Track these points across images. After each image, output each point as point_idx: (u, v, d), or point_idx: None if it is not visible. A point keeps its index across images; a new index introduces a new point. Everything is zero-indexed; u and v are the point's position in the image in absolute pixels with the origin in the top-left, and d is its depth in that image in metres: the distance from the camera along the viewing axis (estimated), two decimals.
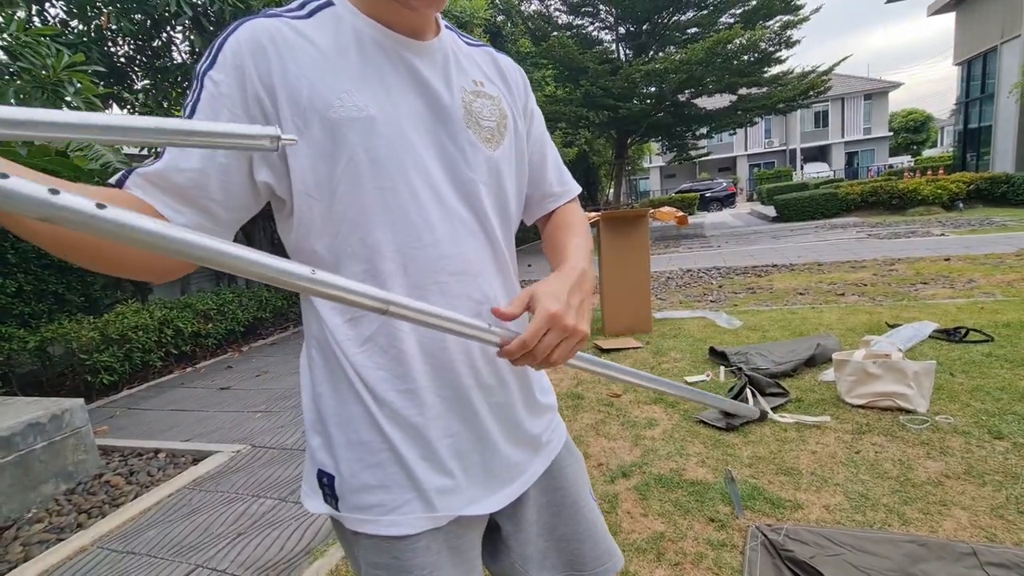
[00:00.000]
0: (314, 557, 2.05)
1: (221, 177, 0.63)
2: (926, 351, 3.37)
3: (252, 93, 0.63)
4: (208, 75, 0.63)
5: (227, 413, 3.85)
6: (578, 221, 0.88)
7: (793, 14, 14.12)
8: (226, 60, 0.63)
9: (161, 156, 0.62)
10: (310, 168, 0.65)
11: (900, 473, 2.13)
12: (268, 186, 0.67)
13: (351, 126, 0.64)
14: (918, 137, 42.00)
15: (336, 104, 0.63)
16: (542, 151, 0.88)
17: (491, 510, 0.76)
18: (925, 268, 6.19)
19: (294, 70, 0.63)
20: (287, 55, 0.63)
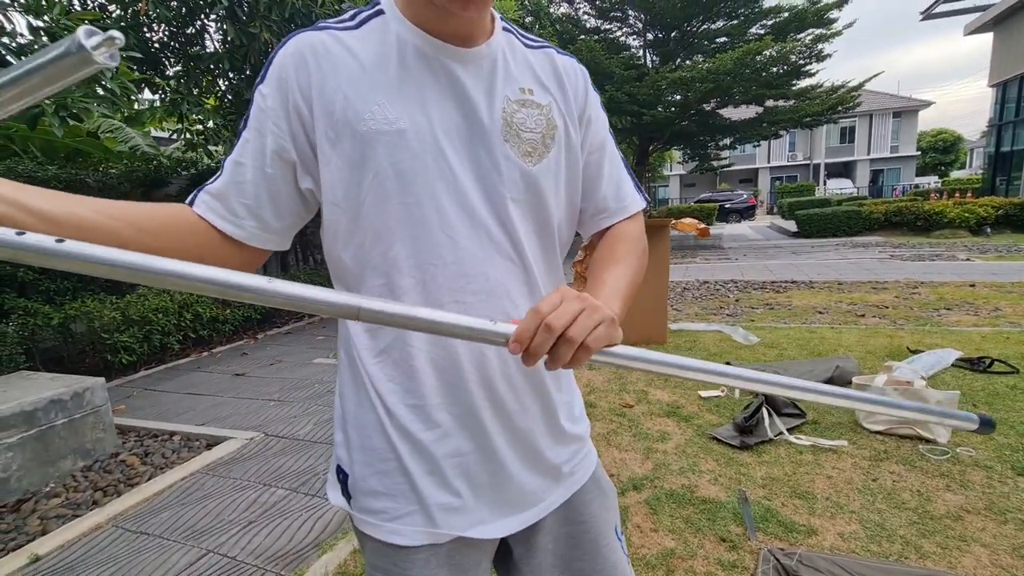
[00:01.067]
0: (323, 550, 2.07)
1: (269, 187, 0.66)
2: (948, 380, 3.31)
3: (292, 104, 0.65)
4: (259, 89, 0.66)
5: (241, 400, 3.90)
6: (628, 245, 0.80)
7: (826, 28, 13.90)
8: (273, 74, 0.66)
9: (222, 170, 0.67)
10: (340, 180, 0.65)
11: (918, 504, 2.08)
12: (312, 193, 0.69)
13: (379, 139, 0.64)
14: (946, 158, 41.19)
15: (367, 117, 0.64)
16: (598, 160, 0.81)
17: (498, 535, 0.75)
18: (949, 293, 6.07)
19: (332, 83, 0.64)
20: (326, 67, 0.65)
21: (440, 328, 0.54)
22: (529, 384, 0.75)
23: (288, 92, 0.65)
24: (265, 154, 0.65)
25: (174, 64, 6.12)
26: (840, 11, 13.69)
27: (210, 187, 0.66)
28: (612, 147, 0.84)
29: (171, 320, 4.96)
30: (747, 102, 14.85)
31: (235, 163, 0.66)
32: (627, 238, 0.81)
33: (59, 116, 3.23)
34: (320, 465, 2.77)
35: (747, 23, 14.49)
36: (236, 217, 0.66)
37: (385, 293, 0.68)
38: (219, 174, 0.66)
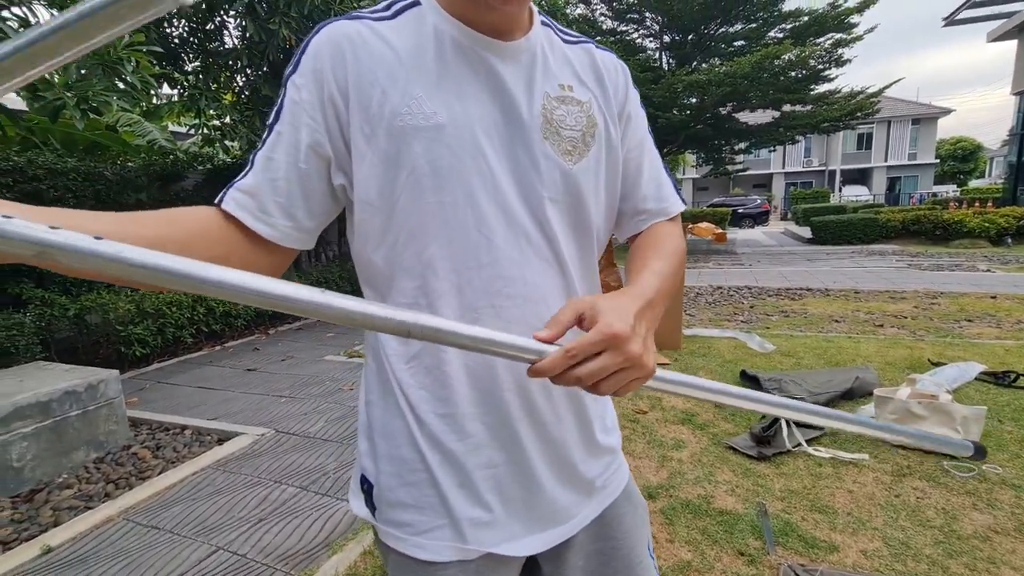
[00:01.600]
0: (333, 551, 2.05)
1: (303, 184, 0.63)
2: (972, 394, 3.22)
3: (328, 95, 0.62)
4: (291, 80, 0.63)
5: (252, 395, 3.90)
6: (666, 242, 0.75)
7: (846, 32, 13.74)
8: (306, 65, 0.62)
9: (253, 165, 0.63)
10: (374, 176, 0.62)
11: (944, 523, 2.02)
12: (344, 189, 0.66)
13: (416, 135, 0.61)
14: (966, 166, 40.57)
15: (403, 112, 0.61)
16: (638, 159, 0.78)
17: (529, 552, 0.72)
18: (970, 304, 5.94)
19: (368, 76, 0.61)
20: (363, 59, 0.62)
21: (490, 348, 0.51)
22: (565, 393, 0.72)
23: (323, 84, 0.61)
24: (299, 149, 0.62)
25: (193, 59, 6.17)
26: (861, 16, 13.52)
27: (241, 183, 0.62)
28: (651, 145, 0.80)
29: (184, 314, 4.98)
30: (764, 106, 14.71)
31: (267, 159, 0.62)
32: (670, 235, 0.77)
33: (80, 109, 3.25)
34: (330, 463, 2.76)
35: (766, 26, 14.36)
36: (269, 216, 0.62)
37: (419, 296, 0.65)
38: (248, 170, 0.62)
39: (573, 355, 0.52)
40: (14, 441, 2.56)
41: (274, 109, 0.63)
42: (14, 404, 2.53)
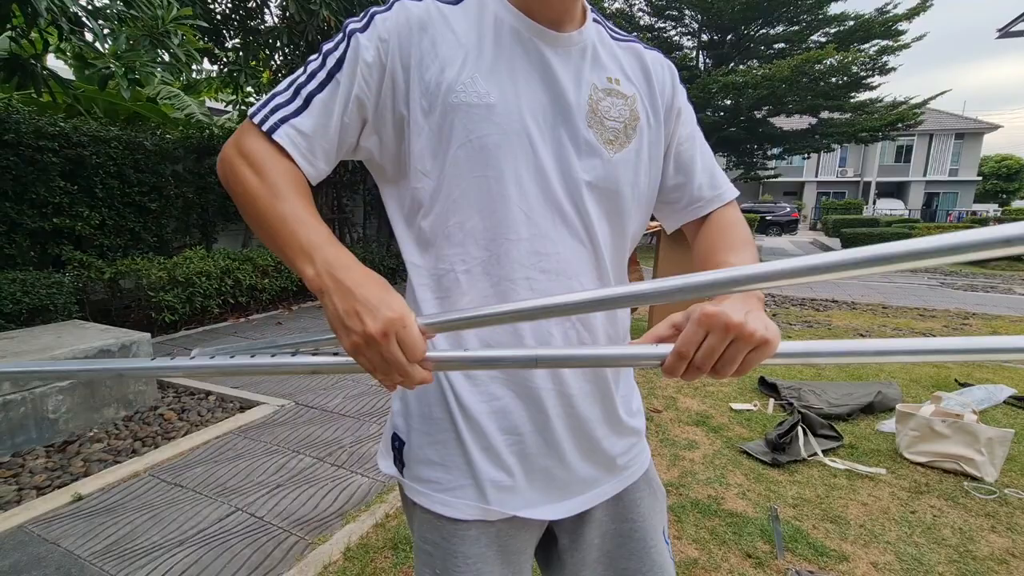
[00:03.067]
0: (346, 520, 2.11)
1: (342, 135, 0.67)
2: (999, 417, 3.14)
3: (390, 69, 0.65)
4: (357, 35, 0.65)
5: None
6: (739, 230, 0.79)
7: (893, 39, 13.32)
8: (376, 29, 0.65)
9: (309, 104, 0.64)
10: (428, 148, 0.66)
11: (960, 543, 1.99)
12: (368, 151, 0.70)
13: (468, 112, 0.64)
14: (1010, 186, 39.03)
15: (458, 89, 0.64)
16: (690, 151, 0.81)
17: (548, 518, 0.75)
18: (1003, 327, 5.76)
19: (431, 55, 0.65)
20: (427, 40, 0.65)
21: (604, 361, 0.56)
22: (591, 372, 0.75)
23: (388, 56, 0.65)
24: (349, 102, 0.65)
25: (233, 36, 6.28)
26: (910, 23, 13.09)
27: (297, 122, 0.64)
28: (701, 138, 0.84)
29: (213, 284, 5.12)
30: (801, 112, 14.39)
31: (325, 105, 0.64)
32: (737, 222, 0.80)
33: (127, 79, 3.35)
34: (347, 438, 2.83)
35: (809, 30, 14.01)
36: (314, 158, 0.66)
37: (457, 263, 0.69)
38: (302, 107, 0.64)
39: (682, 352, 0.53)
40: (51, 394, 2.68)
41: (334, 53, 0.66)
42: (53, 359, 2.65)
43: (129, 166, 5.33)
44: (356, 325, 0.54)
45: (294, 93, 0.65)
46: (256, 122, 0.63)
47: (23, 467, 2.46)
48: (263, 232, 0.63)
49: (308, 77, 0.66)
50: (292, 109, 0.64)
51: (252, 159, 0.63)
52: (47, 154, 4.62)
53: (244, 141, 0.64)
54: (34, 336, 2.97)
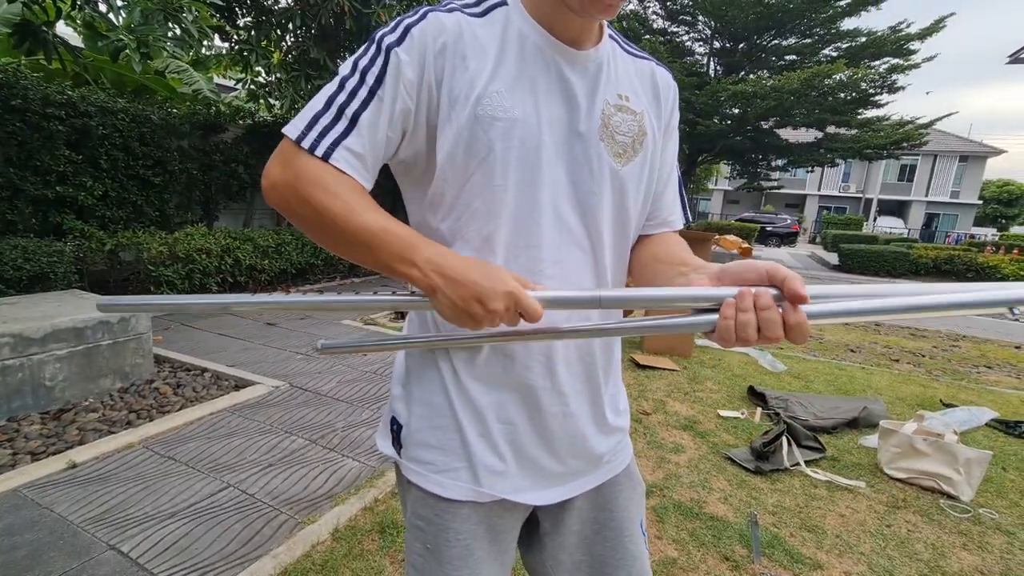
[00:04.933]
0: (336, 503, 2.15)
1: (386, 150, 0.70)
2: (980, 439, 3.20)
3: (426, 82, 0.68)
4: (395, 51, 0.67)
5: (270, 348, 4.03)
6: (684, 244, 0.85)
7: (903, 58, 13.36)
8: (413, 44, 0.67)
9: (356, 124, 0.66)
10: (450, 156, 0.69)
11: (931, 558, 2.05)
12: (405, 160, 0.73)
13: (493, 124, 0.68)
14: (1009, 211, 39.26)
15: (485, 103, 0.68)
16: (669, 173, 0.88)
17: (535, 503, 0.80)
18: (992, 352, 5.84)
19: (461, 67, 0.68)
20: (459, 54, 0.68)
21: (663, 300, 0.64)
22: (584, 372, 0.80)
23: (424, 69, 0.67)
24: (393, 119, 0.68)
25: (246, 15, 6.26)
26: (922, 43, 13.12)
27: (349, 143, 0.66)
28: (676, 163, 0.91)
29: (213, 262, 5.13)
30: (807, 125, 14.43)
31: (371, 124, 0.66)
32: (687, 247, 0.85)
33: (140, 52, 3.36)
34: (339, 422, 2.86)
35: (821, 43, 14.03)
36: (368, 173, 0.69)
37: None
38: (349, 126, 0.66)
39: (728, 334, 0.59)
40: (48, 361, 2.70)
41: (372, 70, 0.67)
42: (53, 326, 2.68)
43: (135, 139, 5.33)
44: (478, 310, 0.61)
45: (337, 113, 0.66)
46: (307, 147, 0.64)
47: (18, 432, 2.49)
48: (351, 248, 0.66)
49: (349, 96, 0.66)
50: (340, 130, 0.65)
51: (318, 182, 0.64)
52: (53, 122, 4.61)
53: (300, 165, 0.65)
54: (34, 303, 2.99)
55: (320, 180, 0.64)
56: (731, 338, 0.58)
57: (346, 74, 0.68)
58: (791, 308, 0.57)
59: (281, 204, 0.67)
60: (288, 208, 0.66)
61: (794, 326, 0.56)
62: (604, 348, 0.82)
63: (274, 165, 0.66)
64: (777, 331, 0.57)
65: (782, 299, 0.57)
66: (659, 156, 0.83)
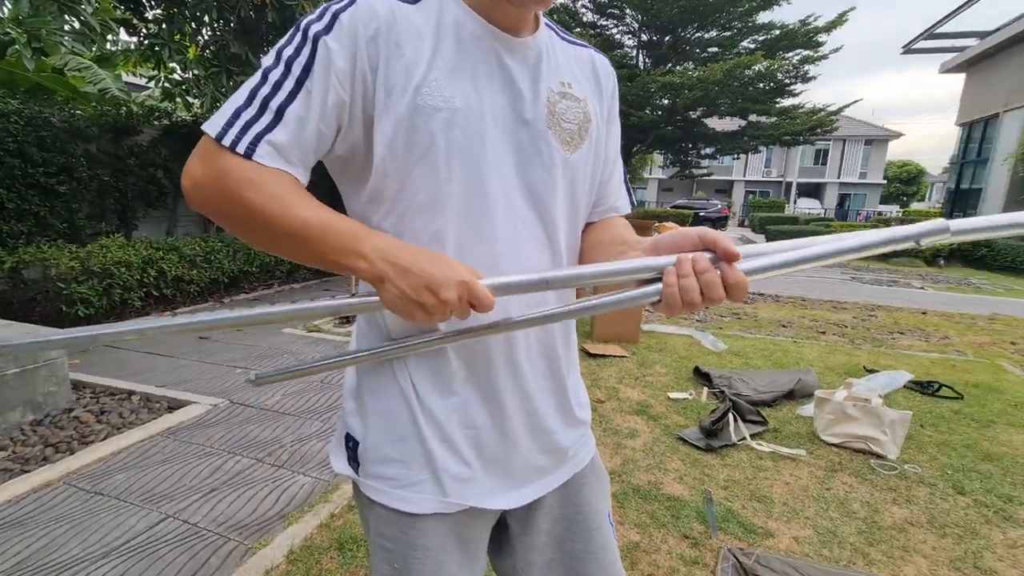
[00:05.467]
0: (288, 522, 2.04)
1: (318, 145, 0.65)
2: (900, 400, 3.49)
3: (360, 71, 0.63)
4: (324, 39, 0.62)
5: (205, 364, 3.78)
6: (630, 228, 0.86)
7: (813, 50, 14.28)
8: (343, 31, 0.63)
9: (282, 118, 0.61)
10: (390, 149, 0.65)
11: (867, 515, 2.21)
12: (341, 156, 0.69)
13: (434, 115, 0.65)
14: (909, 189, 43.11)
15: (424, 92, 0.64)
16: (615, 159, 0.88)
17: (503, 507, 0.78)
18: (903, 319, 6.38)
19: (396, 54, 0.64)
20: (392, 41, 0.64)
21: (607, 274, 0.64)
22: (548, 366, 0.79)
23: (357, 58, 0.63)
24: (326, 113, 0.63)
25: (155, 6, 5.80)
26: (828, 35, 14.07)
27: (272, 138, 0.61)
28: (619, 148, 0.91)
29: (134, 275, 4.74)
30: (732, 114, 15.16)
31: (300, 118, 0.61)
32: (627, 225, 0.86)
33: (31, 47, 3.03)
34: (287, 436, 2.73)
35: (739, 36, 14.73)
36: (299, 167, 0.64)
37: None
38: (274, 120, 0.61)
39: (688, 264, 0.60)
40: None
41: (298, 60, 0.62)
42: None
43: (32, 144, 4.82)
44: (429, 299, 0.59)
45: (261, 106, 0.61)
46: (228, 144, 0.59)
47: None
48: (290, 244, 0.62)
49: (273, 88, 0.62)
50: (264, 124, 0.61)
51: (246, 179, 0.59)
52: None
53: (223, 163, 0.60)
54: None
55: (247, 177, 0.59)
56: (677, 304, 0.59)
57: (269, 65, 0.63)
58: (728, 267, 0.59)
59: (206, 205, 0.62)
60: (214, 209, 0.62)
61: (733, 284, 0.59)
62: (565, 341, 0.82)
63: (195, 164, 0.61)
64: (719, 291, 0.59)
65: (718, 261, 0.59)
66: (604, 143, 0.82)
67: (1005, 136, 14.88)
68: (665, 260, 0.61)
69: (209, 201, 0.62)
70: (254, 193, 0.59)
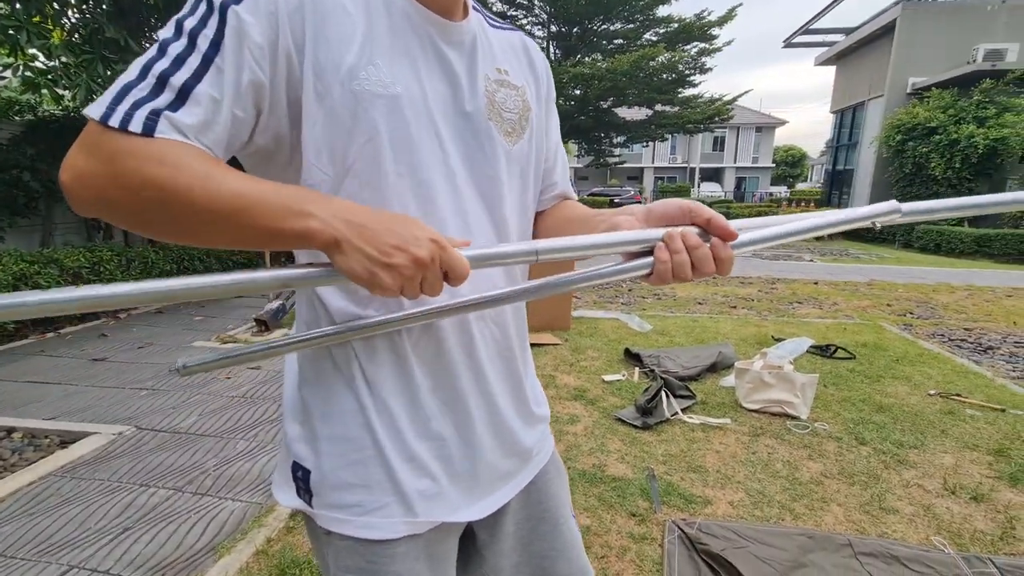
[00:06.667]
0: (219, 554, 1.88)
1: (232, 131, 0.55)
2: (804, 364, 3.84)
3: (284, 48, 0.56)
4: (234, 9, 0.53)
5: (103, 388, 3.37)
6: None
7: (708, 43, 15.26)
8: (258, 3, 0.54)
9: (187, 98, 0.51)
10: (325, 140, 0.59)
11: (789, 473, 2.40)
12: (263, 146, 0.60)
13: (374, 102, 0.59)
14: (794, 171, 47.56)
15: (362, 76, 0.58)
16: (557, 143, 0.86)
17: (473, 518, 0.75)
18: (799, 289, 7.03)
19: (323, 33, 0.57)
20: (320, 15, 0.57)
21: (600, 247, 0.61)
22: (507, 367, 0.76)
23: (279, 33, 0.55)
24: (240, 94, 0.53)
25: None
26: (720, 29, 15.08)
27: (179, 120, 0.50)
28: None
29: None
30: (639, 104, 15.87)
31: (212, 99, 0.52)
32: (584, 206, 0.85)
33: None
34: (210, 460, 2.50)
35: (642, 28, 15.42)
36: (212, 147, 0.54)
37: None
38: (176, 99, 0.51)
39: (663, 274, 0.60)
40: None
41: (204, 32, 0.53)
42: None
43: None
44: (400, 258, 0.50)
45: (158, 82, 0.50)
46: (116, 124, 0.48)
47: None
48: (218, 223, 0.51)
49: (174, 63, 0.51)
50: (164, 102, 0.50)
51: (148, 157, 0.48)
52: None
53: (112, 145, 0.49)
54: None
55: (149, 154, 0.48)
56: (668, 278, 0.59)
57: (168, 37, 0.53)
58: (720, 244, 0.60)
59: (95, 201, 0.50)
60: (107, 202, 0.50)
61: (725, 259, 0.60)
62: (520, 339, 0.79)
63: (76, 155, 0.50)
64: (710, 265, 0.59)
65: (706, 235, 0.60)
66: (544, 130, 0.80)
67: (870, 122, 16.79)
68: (654, 233, 0.60)
69: (100, 193, 0.49)
70: (163, 169, 0.48)
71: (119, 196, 0.49)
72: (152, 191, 0.48)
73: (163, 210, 0.50)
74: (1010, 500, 2.20)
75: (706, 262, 0.59)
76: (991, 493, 2.24)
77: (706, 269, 0.59)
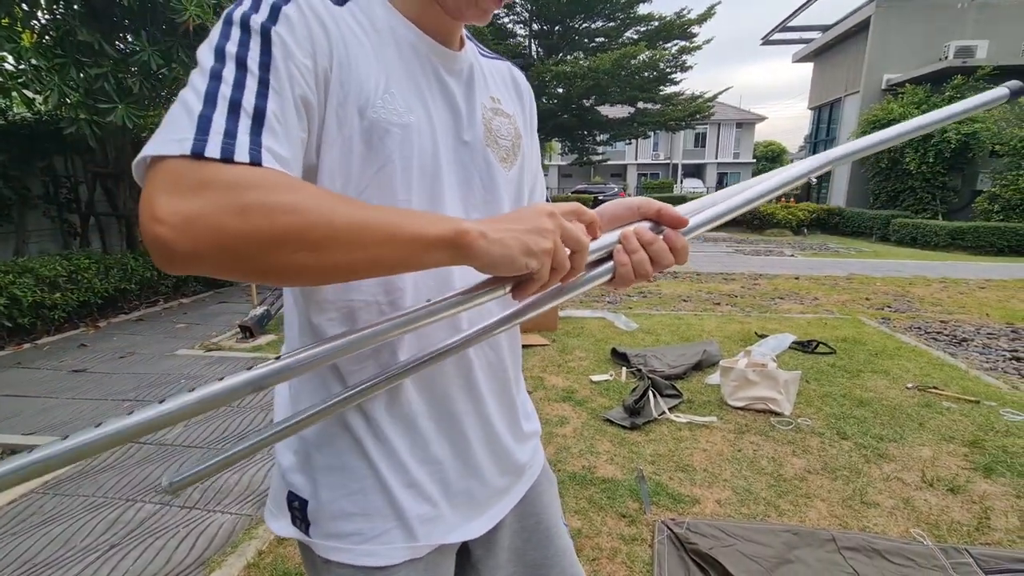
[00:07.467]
0: (210, 568, 1.86)
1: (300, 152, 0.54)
2: (787, 360, 3.91)
3: (321, 68, 0.55)
4: (275, 31, 0.51)
5: (84, 401, 3.31)
6: None
7: (688, 41, 15.40)
8: (293, 23, 0.52)
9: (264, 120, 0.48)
10: (340, 165, 0.58)
11: (773, 469, 2.46)
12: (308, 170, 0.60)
13: (389, 130, 0.59)
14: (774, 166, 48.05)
15: (378, 104, 0.59)
16: (537, 167, 0.88)
17: (472, 536, 0.76)
18: (781, 285, 7.15)
19: (347, 59, 0.57)
20: (343, 41, 0.57)
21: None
22: (501, 388, 0.77)
23: (317, 53, 0.54)
24: (300, 114, 0.53)
25: None
26: (700, 27, 15.23)
27: (273, 147, 0.48)
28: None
29: None
30: (622, 102, 15.97)
31: (283, 120, 0.50)
32: None
33: None
34: None
35: (623, 27, 15.51)
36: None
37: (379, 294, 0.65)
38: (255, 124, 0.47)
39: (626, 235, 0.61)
40: None
41: (251, 56, 0.50)
42: None
43: None
44: (546, 222, 0.53)
45: (231, 108, 0.47)
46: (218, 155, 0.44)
47: None
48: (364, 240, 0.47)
49: (235, 87, 0.48)
50: (248, 127, 0.47)
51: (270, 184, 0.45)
52: None
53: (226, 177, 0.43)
54: None
55: (274, 183, 0.44)
56: (631, 279, 0.60)
57: (213, 64, 0.49)
58: (672, 233, 0.61)
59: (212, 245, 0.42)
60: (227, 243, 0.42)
61: (680, 249, 0.61)
62: (513, 359, 0.81)
63: (167, 200, 0.42)
64: (668, 258, 0.61)
65: (659, 228, 0.62)
66: (529, 156, 0.83)
67: (847, 117, 17.08)
68: (610, 238, 0.60)
69: (218, 237, 0.42)
70: (293, 196, 0.44)
71: (247, 232, 0.42)
72: (281, 223, 0.43)
73: (301, 240, 0.44)
74: (985, 491, 2.28)
75: (663, 255, 0.60)
76: (967, 484, 2.32)
77: (665, 262, 0.60)
